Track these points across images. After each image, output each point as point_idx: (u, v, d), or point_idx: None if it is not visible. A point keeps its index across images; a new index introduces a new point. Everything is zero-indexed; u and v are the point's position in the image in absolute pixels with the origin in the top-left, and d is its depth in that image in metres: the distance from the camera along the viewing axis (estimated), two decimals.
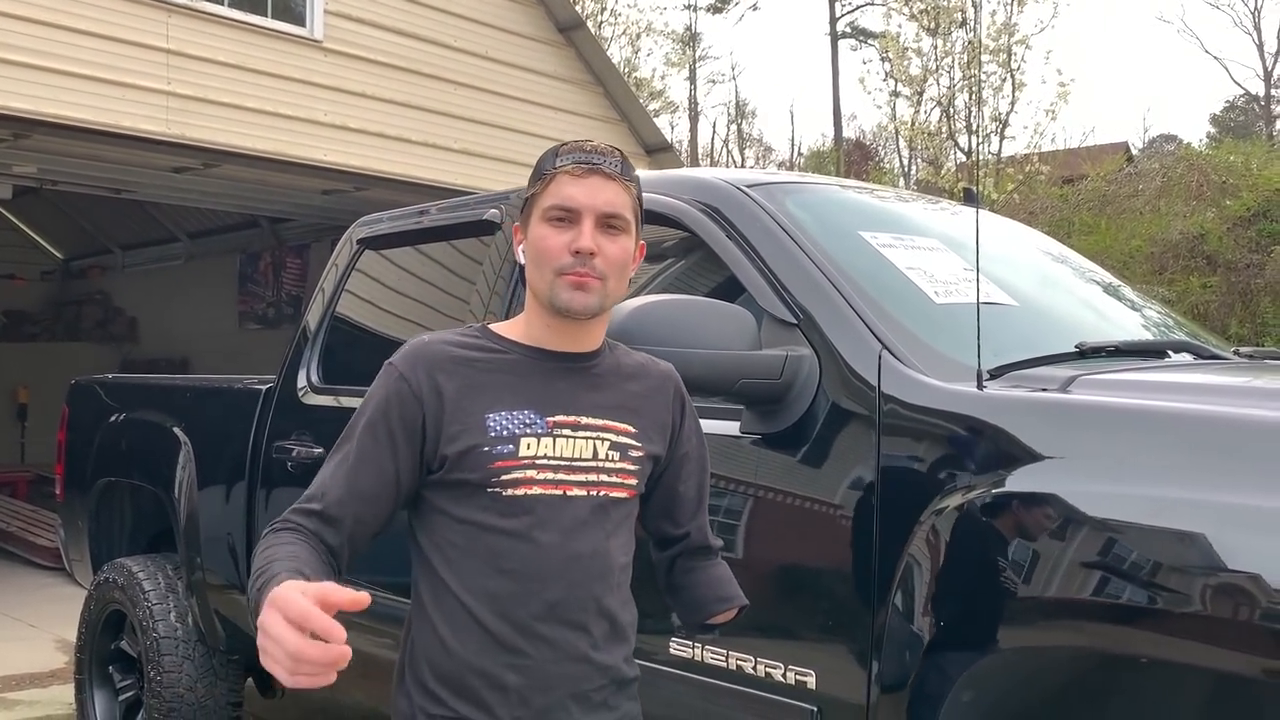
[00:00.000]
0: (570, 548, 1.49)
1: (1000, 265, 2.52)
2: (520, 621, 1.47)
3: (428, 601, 1.52)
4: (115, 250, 12.65)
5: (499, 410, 1.50)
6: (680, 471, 1.66)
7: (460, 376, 1.52)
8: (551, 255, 1.50)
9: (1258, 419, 1.64)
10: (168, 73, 6.61)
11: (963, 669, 1.70)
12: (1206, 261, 10.11)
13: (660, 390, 1.64)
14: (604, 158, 1.53)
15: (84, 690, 3.85)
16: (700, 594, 1.69)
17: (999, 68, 12.89)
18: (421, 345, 1.56)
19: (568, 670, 1.49)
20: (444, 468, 1.50)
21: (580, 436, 1.52)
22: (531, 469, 1.48)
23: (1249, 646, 1.47)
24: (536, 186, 1.54)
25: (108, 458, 3.99)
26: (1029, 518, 1.66)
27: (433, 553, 1.52)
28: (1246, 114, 35.83)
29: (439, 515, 1.52)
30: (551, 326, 1.55)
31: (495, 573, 1.48)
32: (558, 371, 1.55)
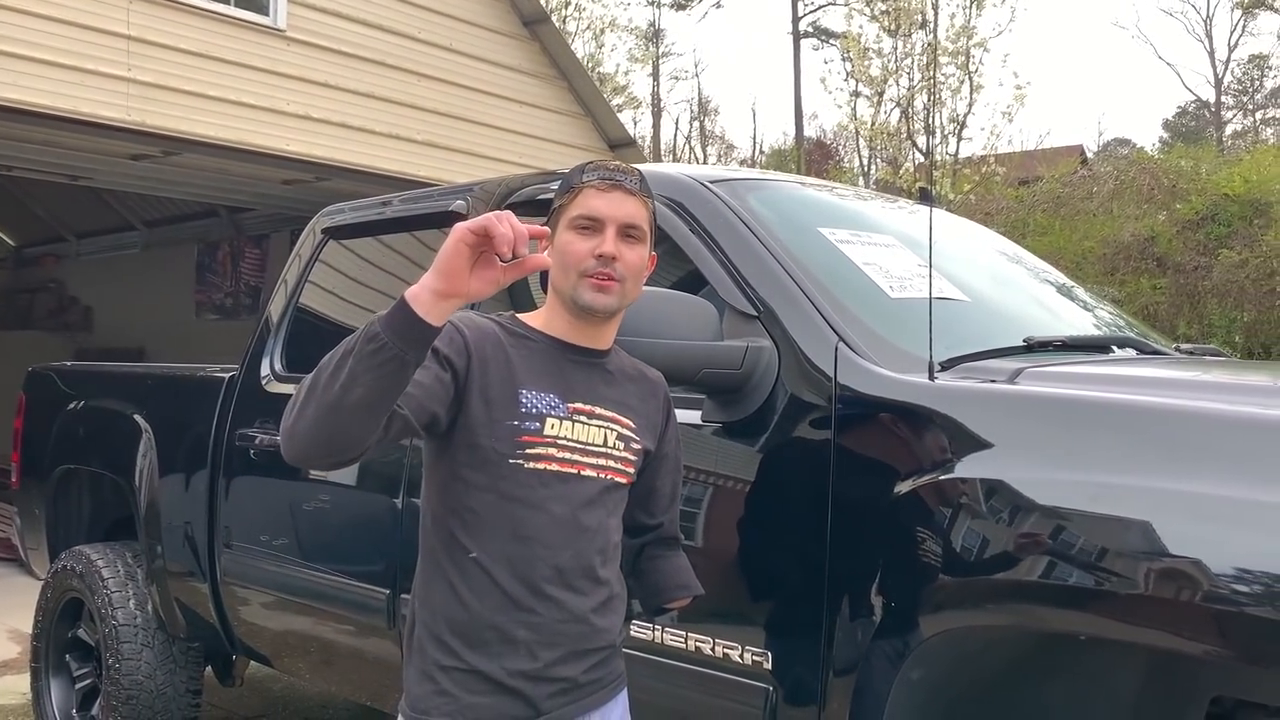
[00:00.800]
0: (579, 521, 1.66)
1: (954, 263, 2.60)
2: (533, 582, 1.63)
3: (446, 564, 1.66)
4: (70, 238, 12.44)
5: (531, 388, 1.66)
6: (660, 469, 1.84)
7: (503, 350, 1.68)
8: (577, 258, 1.67)
9: (1192, 410, 1.72)
10: (128, 59, 6.55)
11: (911, 648, 1.76)
12: (1156, 263, 10.33)
13: (654, 395, 1.82)
14: (626, 176, 1.70)
15: (40, 679, 3.82)
16: (662, 580, 1.86)
17: (957, 70, 13.07)
18: (479, 317, 1.73)
19: (571, 629, 1.65)
20: (471, 431, 1.62)
21: (595, 424, 1.69)
22: (553, 447, 1.65)
23: (1181, 624, 1.54)
24: (564, 198, 1.71)
25: (67, 445, 3.97)
26: (976, 503, 1.73)
27: (454, 522, 1.66)
28: (1198, 119, 36.55)
29: (460, 485, 1.65)
30: (572, 324, 1.72)
31: (514, 538, 1.63)
32: (578, 364, 1.72)
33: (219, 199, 9.75)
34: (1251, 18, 34.51)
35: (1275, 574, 1.45)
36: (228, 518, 3.28)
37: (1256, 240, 9.73)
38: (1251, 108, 36.53)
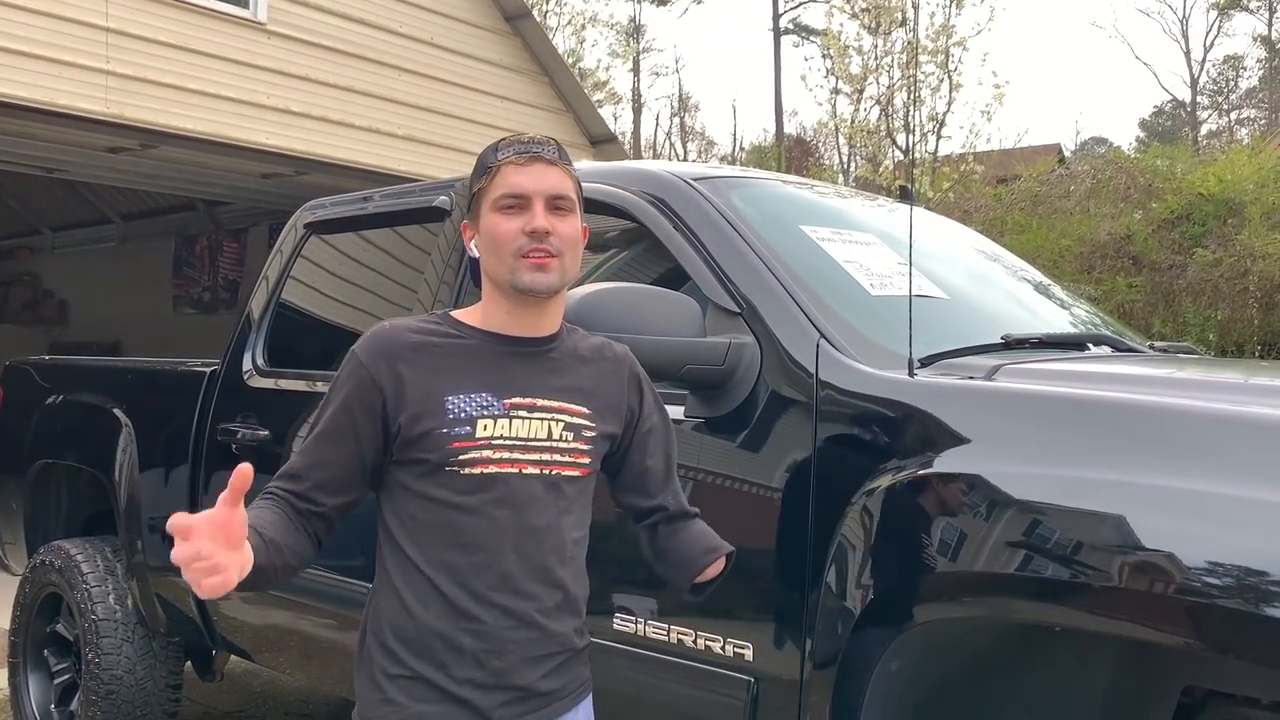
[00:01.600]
0: (524, 522, 1.58)
1: (934, 261, 2.63)
2: (476, 590, 1.56)
3: (392, 570, 1.61)
4: (45, 231, 12.34)
5: (458, 393, 1.58)
6: (646, 446, 1.75)
7: (421, 362, 1.60)
8: (508, 239, 1.59)
9: (1166, 406, 1.76)
10: (107, 51, 6.50)
11: (890, 640, 1.79)
12: (1132, 262, 10.43)
13: (615, 374, 1.72)
14: (542, 146, 1.63)
15: (18, 674, 3.81)
16: (687, 550, 1.76)
17: (937, 68, 13.13)
18: (383, 332, 1.64)
19: (520, 635, 1.58)
20: (405, 447, 1.58)
21: (535, 417, 1.61)
22: (488, 449, 1.57)
23: (1154, 616, 1.57)
24: (482, 181, 1.63)
25: (45, 440, 3.95)
26: (953, 497, 1.76)
27: (396, 526, 1.61)
28: (1174, 119, 36.88)
29: (402, 490, 1.61)
30: (512, 312, 1.63)
31: (453, 545, 1.57)
32: (515, 356, 1.63)
33: (197, 192, 9.69)
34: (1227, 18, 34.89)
35: (1245, 567, 1.48)
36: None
37: (1230, 240, 9.84)
38: (1226, 108, 36.91)
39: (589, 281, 2.29)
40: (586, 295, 1.99)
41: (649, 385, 1.78)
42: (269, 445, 3.06)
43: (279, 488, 1.60)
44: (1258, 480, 1.53)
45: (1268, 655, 1.50)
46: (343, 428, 1.59)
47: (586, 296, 1.99)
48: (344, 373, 1.63)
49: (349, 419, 1.59)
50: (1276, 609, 1.44)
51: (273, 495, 1.59)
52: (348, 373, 1.62)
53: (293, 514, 1.57)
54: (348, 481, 1.61)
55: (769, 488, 2.03)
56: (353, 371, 1.61)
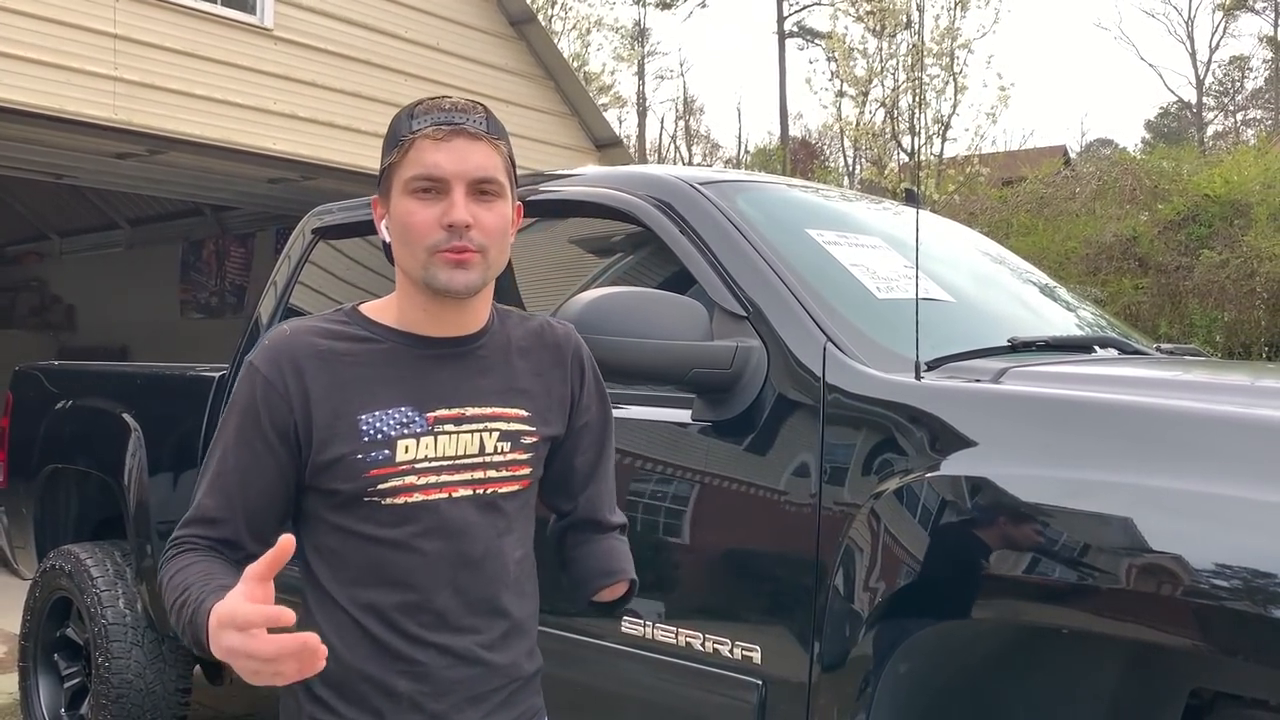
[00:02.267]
0: (459, 553, 1.39)
1: (939, 264, 2.63)
2: (409, 632, 1.37)
3: (314, 607, 1.40)
4: (53, 236, 12.39)
5: (372, 410, 1.37)
6: (578, 444, 1.54)
7: (328, 373, 1.38)
8: (422, 232, 1.35)
9: (1172, 409, 1.76)
10: (114, 58, 6.53)
11: (899, 643, 1.79)
12: (1138, 263, 10.42)
13: (557, 362, 1.51)
14: (466, 115, 1.38)
15: (28, 678, 3.82)
16: (586, 566, 1.57)
17: (942, 71, 13.14)
18: (284, 340, 1.40)
19: (462, 674, 1.40)
20: (317, 475, 1.37)
21: (465, 430, 1.40)
22: (410, 474, 1.36)
23: (1162, 618, 1.57)
24: (394, 155, 1.38)
25: (55, 444, 3.96)
26: (961, 500, 1.76)
27: (314, 557, 1.41)
28: (1180, 120, 36.84)
29: (317, 521, 1.40)
30: (428, 310, 1.40)
31: (379, 583, 1.37)
32: (437, 359, 1.41)
33: (204, 197, 9.73)
34: (1232, 19, 34.86)
35: (1253, 569, 1.48)
36: None
37: (1236, 241, 9.83)
38: (1232, 109, 36.87)
39: (595, 286, 2.30)
40: (593, 300, 2.00)
41: (593, 373, 1.56)
42: None
43: (199, 537, 1.37)
44: (1265, 482, 1.53)
45: (1276, 656, 1.50)
46: (261, 457, 1.36)
47: (593, 301, 2.00)
48: (244, 390, 1.39)
49: (264, 443, 1.36)
50: None
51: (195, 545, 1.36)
52: (249, 389, 1.38)
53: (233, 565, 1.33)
54: (274, 520, 1.39)
55: (776, 490, 2.03)
56: (255, 387, 1.37)
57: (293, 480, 1.39)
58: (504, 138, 1.42)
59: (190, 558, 1.35)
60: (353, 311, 1.45)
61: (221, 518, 1.37)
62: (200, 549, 1.36)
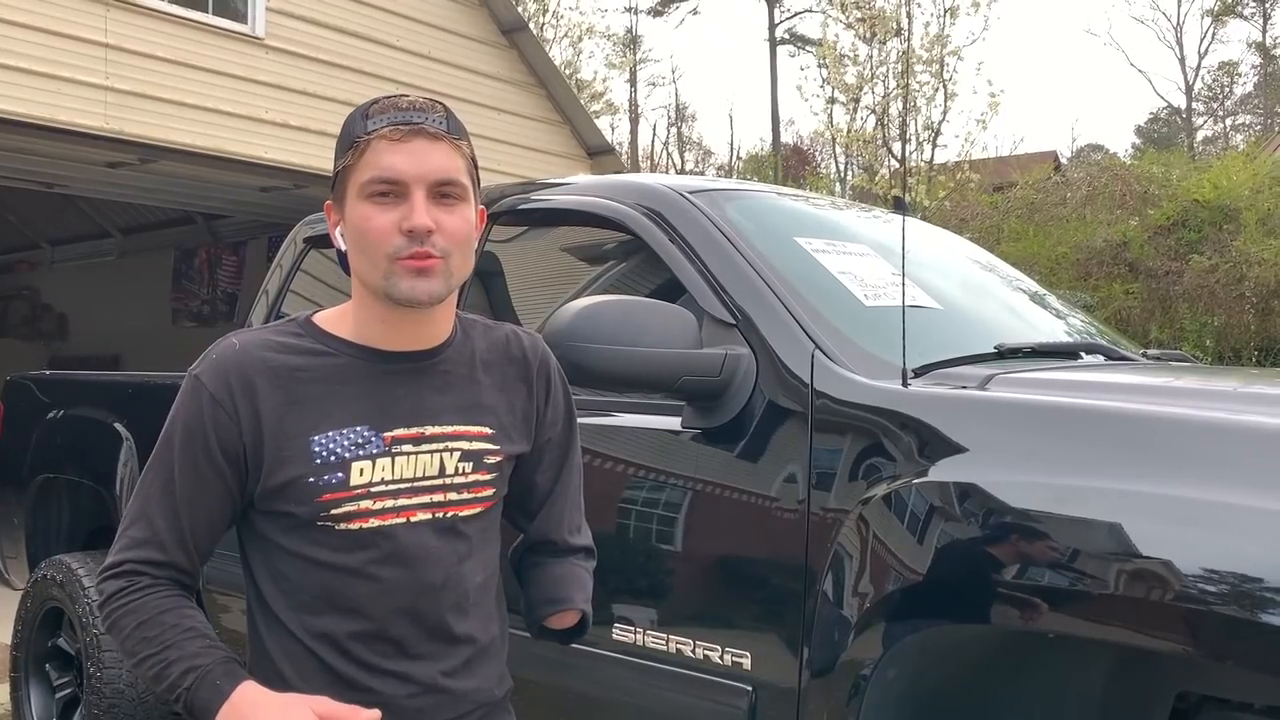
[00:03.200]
0: (418, 579, 1.32)
1: (927, 271, 2.65)
2: (365, 661, 1.32)
3: (264, 634, 1.34)
4: (44, 245, 12.37)
5: (326, 430, 1.30)
6: (540, 461, 1.48)
7: (280, 391, 1.30)
8: (380, 238, 1.27)
9: (1158, 414, 1.78)
10: (106, 67, 6.54)
11: (887, 649, 1.80)
12: (1129, 268, 10.48)
13: (522, 377, 1.44)
14: (425, 115, 1.31)
15: (20, 688, 3.81)
16: (531, 592, 1.50)
17: (932, 78, 13.19)
18: (232, 353, 1.33)
19: (424, 702, 1.34)
20: (267, 498, 1.31)
21: (424, 451, 1.33)
22: (366, 498, 1.30)
23: (1149, 623, 1.58)
24: (348, 157, 1.31)
25: (46, 454, 3.96)
26: (949, 506, 1.77)
27: (265, 582, 1.34)
28: (1169, 125, 37.01)
29: (267, 543, 1.34)
30: (386, 321, 1.33)
31: (332, 610, 1.31)
32: (395, 375, 1.34)
33: (196, 206, 9.73)
34: (1221, 25, 35.03)
35: (1240, 574, 1.49)
36: None
37: (1226, 246, 9.89)
38: (1222, 114, 37.05)
39: (585, 294, 2.31)
40: (584, 308, 2.01)
41: (561, 388, 1.49)
42: None
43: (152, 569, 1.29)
44: (1251, 488, 1.54)
45: (1262, 661, 1.51)
46: (204, 472, 1.30)
47: (583, 310, 2.01)
48: (190, 406, 1.31)
49: (211, 467, 1.30)
50: (1271, 615, 1.45)
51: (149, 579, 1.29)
52: (195, 407, 1.31)
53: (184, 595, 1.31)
54: (218, 536, 1.34)
55: (766, 497, 2.04)
56: (202, 405, 1.30)
57: (239, 502, 1.33)
58: (465, 138, 1.35)
59: (151, 601, 1.28)
60: (306, 323, 1.38)
61: (170, 540, 1.31)
62: (152, 587, 1.29)
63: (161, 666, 1.24)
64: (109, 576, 1.31)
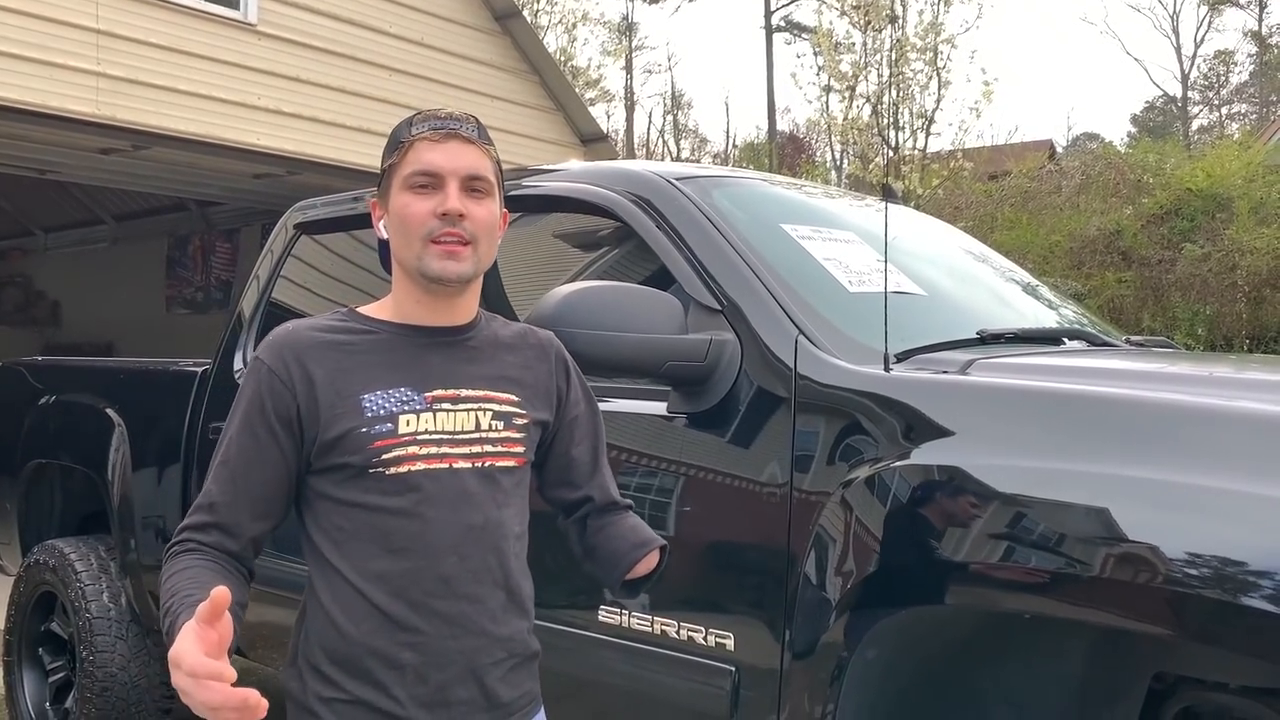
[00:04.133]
0: (461, 520, 1.48)
1: (914, 258, 2.67)
2: (415, 599, 1.45)
3: (319, 586, 1.49)
4: (37, 232, 12.36)
5: (374, 390, 1.48)
6: (572, 435, 1.66)
7: (330, 361, 1.49)
8: (418, 221, 1.49)
9: (1137, 399, 1.80)
10: (97, 53, 6.52)
11: (867, 629, 1.82)
12: (1122, 257, 10.49)
13: (541, 359, 1.63)
14: (460, 123, 1.53)
15: (13, 672, 3.84)
16: (615, 546, 1.66)
17: (926, 66, 13.18)
18: (286, 333, 1.53)
19: (465, 644, 1.48)
20: (324, 454, 1.47)
21: (461, 409, 1.51)
22: (413, 445, 1.47)
23: (1129, 605, 1.60)
24: (394, 156, 1.53)
25: (38, 440, 3.97)
26: (928, 489, 1.79)
27: (320, 538, 1.49)
28: (1165, 114, 37.00)
29: (323, 500, 1.49)
30: (422, 302, 1.53)
31: (385, 552, 1.46)
32: (431, 346, 1.53)
33: (189, 193, 9.72)
34: (1217, 14, 35.00)
35: (1222, 556, 1.51)
36: None
37: (1218, 234, 9.90)
38: (1217, 103, 37.05)
39: (573, 280, 2.32)
40: (569, 294, 2.03)
41: (576, 371, 1.69)
42: None
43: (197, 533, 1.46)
44: (1233, 471, 1.56)
45: (1240, 642, 1.53)
46: (263, 443, 1.47)
47: (569, 295, 2.03)
48: (250, 381, 1.51)
49: (268, 432, 1.47)
50: (1249, 598, 1.47)
51: (196, 546, 1.45)
52: (255, 381, 1.50)
53: (227, 562, 1.46)
54: (277, 504, 1.50)
55: (749, 480, 2.06)
56: (261, 379, 1.49)
57: (295, 466, 1.49)
58: (492, 145, 1.57)
59: (185, 561, 1.43)
60: (349, 312, 1.58)
61: (223, 502, 1.47)
62: (196, 550, 1.45)
63: (163, 615, 1.37)
64: (167, 548, 1.48)
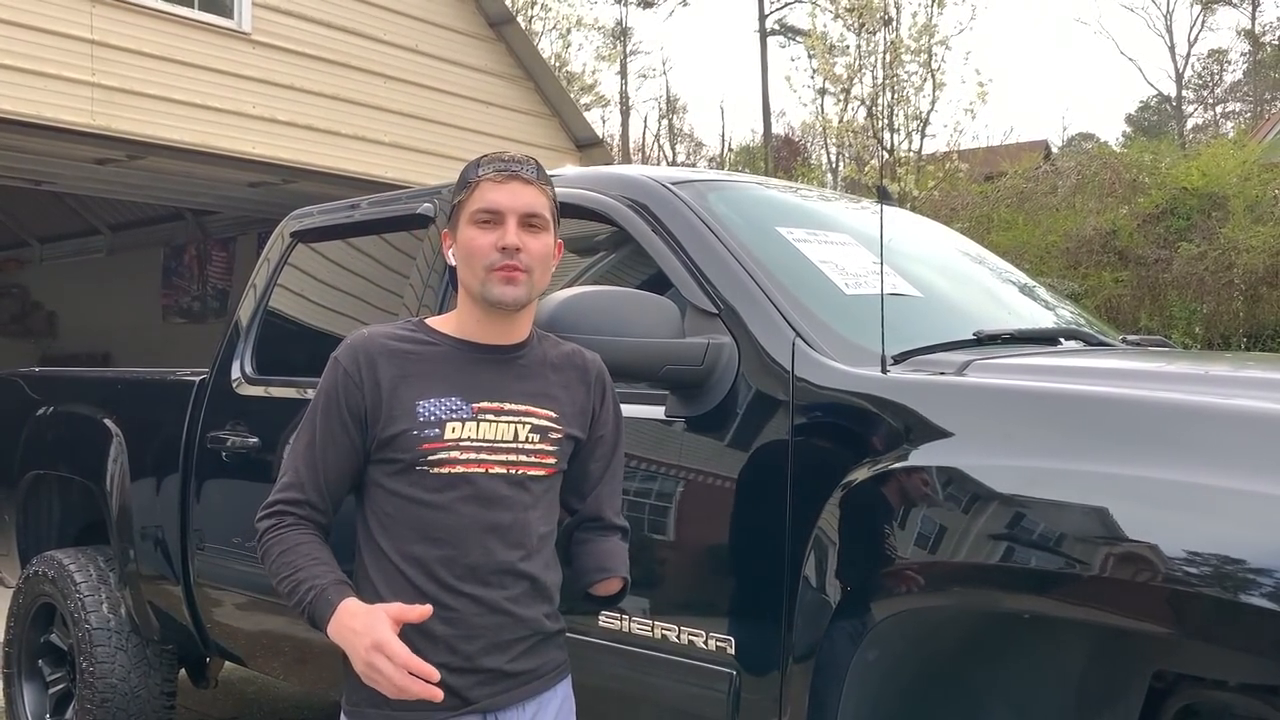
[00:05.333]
0: (491, 518, 1.69)
1: (910, 260, 2.67)
2: (445, 581, 1.68)
3: (369, 562, 1.73)
4: (33, 243, 12.35)
5: (429, 398, 1.70)
6: (594, 451, 1.86)
7: (396, 367, 1.72)
8: (481, 253, 1.70)
9: (1134, 398, 1.80)
10: (92, 64, 6.53)
11: (867, 631, 1.82)
12: (1118, 256, 10.50)
13: (582, 380, 1.83)
14: (521, 165, 1.73)
15: (13, 684, 3.83)
16: (583, 563, 1.86)
17: (920, 68, 13.20)
18: (362, 339, 1.76)
19: (489, 621, 1.70)
20: (381, 448, 1.71)
21: (503, 421, 1.72)
22: (455, 450, 1.68)
23: (1128, 603, 1.60)
24: (463, 194, 1.74)
25: (36, 451, 3.97)
26: (926, 489, 1.79)
27: (372, 519, 1.74)
28: (1160, 114, 37.07)
29: (376, 488, 1.73)
30: (482, 321, 1.75)
31: (422, 539, 1.69)
32: (485, 362, 1.74)
33: (185, 202, 9.72)
34: (1210, 13, 35.11)
35: (1220, 555, 1.51)
36: (200, 520, 3.30)
37: (1214, 233, 9.92)
38: (1211, 102, 37.12)
39: (570, 286, 2.32)
40: (566, 299, 2.03)
41: (613, 395, 1.88)
42: (258, 452, 3.09)
43: (293, 507, 1.72)
44: (1231, 469, 1.56)
45: (1240, 640, 1.53)
46: (336, 431, 1.72)
47: (566, 300, 2.03)
48: (328, 378, 1.75)
49: (340, 422, 1.72)
50: (1249, 596, 1.47)
51: (296, 520, 1.71)
52: (332, 378, 1.75)
53: (318, 533, 1.72)
54: (346, 484, 1.75)
55: (748, 484, 2.06)
56: (337, 376, 1.74)
57: (361, 455, 1.73)
58: (550, 184, 1.77)
59: (296, 536, 1.69)
60: (419, 323, 1.80)
61: (309, 482, 1.72)
62: (295, 525, 1.70)
63: (293, 585, 1.65)
64: (264, 516, 1.73)
